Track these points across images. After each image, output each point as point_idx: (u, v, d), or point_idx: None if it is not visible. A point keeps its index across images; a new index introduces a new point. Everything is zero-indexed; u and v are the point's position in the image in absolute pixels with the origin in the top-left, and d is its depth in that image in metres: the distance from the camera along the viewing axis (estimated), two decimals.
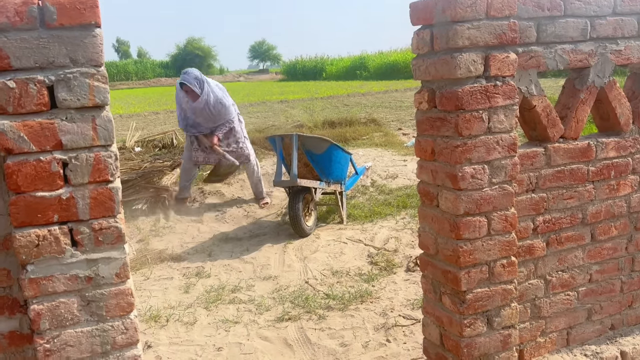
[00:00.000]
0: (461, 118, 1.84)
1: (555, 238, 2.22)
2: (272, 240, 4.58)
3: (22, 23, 1.31)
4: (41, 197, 1.38)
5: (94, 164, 1.42)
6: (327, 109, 15.47)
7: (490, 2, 1.81)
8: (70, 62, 1.36)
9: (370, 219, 4.97)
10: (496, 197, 1.95)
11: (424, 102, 2.00)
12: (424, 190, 2.10)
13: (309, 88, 27.31)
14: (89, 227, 1.44)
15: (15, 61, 1.32)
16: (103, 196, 1.44)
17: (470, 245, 1.94)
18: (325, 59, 46.29)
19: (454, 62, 1.80)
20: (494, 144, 1.92)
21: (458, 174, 1.88)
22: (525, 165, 2.10)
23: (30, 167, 1.36)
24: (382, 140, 8.65)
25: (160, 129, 12.57)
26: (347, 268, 3.87)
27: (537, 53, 2.02)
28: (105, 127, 1.42)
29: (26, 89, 1.33)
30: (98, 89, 1.39)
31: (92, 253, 1.45)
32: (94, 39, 1.37)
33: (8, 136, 1.33)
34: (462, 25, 1.78)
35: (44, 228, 1.40)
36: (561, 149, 2.16)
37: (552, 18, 2.01)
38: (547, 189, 2.16)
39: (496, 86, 1.88)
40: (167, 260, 4.28)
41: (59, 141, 1.38)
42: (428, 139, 2.02)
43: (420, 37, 1.93)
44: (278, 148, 4.68)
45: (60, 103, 1.37)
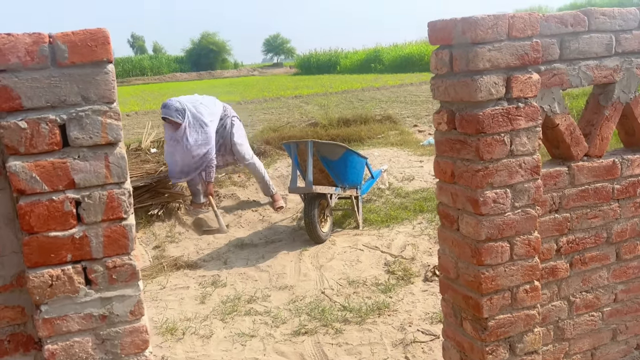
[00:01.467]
0: (482, 142, 1.79)
1: (579, 258, 2.16)
2: (288, 247, 4.56)
3: (33, 63, 1.28)
4: (54, 237, 1.36)
5: (107, 202, 1.39)
6: (342, 104, 15.39)
7: (512, 22, 1.74)
8: (82, 100, 1.34)
9: (387, 223, 4.92)
10: (519, 221, 1.90)
11: (443, 123, 1.94)
12: (444, 213, 2.05)
13: (324, 82, 27.20)
14: (103, 265, 1.42)
15: (27, 101, 1.29)
16: (117, 234, 1.41)
17: (492, 271, 1.89)
18: (340, 52, 46.03)
19: (475, 85, 1.74)
20: (517, 167, 1.86)
21: (479, 198, 1.83)
22: (548, 185, 2.03)
23: (42, 208, 1.34)
24: (397, 139, 8.56)
25: None
26: (364, 277, 3.83)
27: (561, 70, 1.95)
28: (118, 165, 1.39)
29: (38, 128, 1.31)
30: (110, 126, 1.36)
31: (106, 291, 1.43)
32: (105, 75, 1.34)
33: (20, 177, 1.31)
34: (482, 47, 1.72)
35: (58, 268, 1.38)
36: (585, 168, 2.09)
37: (575, 34, 1.94)
38: (570, 209, 2.10)
39: (518, 108, 1.82)
40: (183, 268, 4.28)
41: (71, 180, 1.35)
42: (447, 160, 1.97)
43: (439, 58, 1.88)
44: (293, 154, 4.64)
45: (73, 142, 1.34)
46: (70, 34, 1.30)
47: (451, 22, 1.78)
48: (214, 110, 5.52)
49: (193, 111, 5.26)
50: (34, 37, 1.27)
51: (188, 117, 5.20)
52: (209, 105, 5.51)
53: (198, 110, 5.31)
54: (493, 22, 1.72)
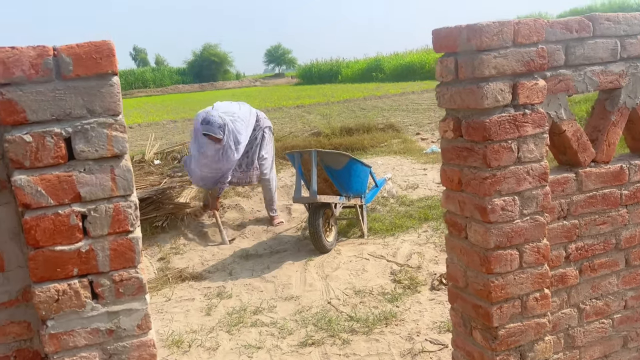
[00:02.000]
0: (489, 149, 1.77)
1: (589, 265, 2.14)
2: (293, 257, 4.54)
3: (38, 76, 1.28)
4: (60, 251, 1.35)
5: (114, 215, 1.38)
6: (344, 113, 15.41)
7: (518, 29, 1.73)
8: (88, 112, 1.33)
9: (392, 232, 4.90)
10: (528, 228, 1.88)
11: (449, 130, 1.93)
12: (451, 221, 2.03)
13: (325, 92, 27.27)
14: (110, 279, 1.40)
15: (32, 114, 1.29)
16: (123, 247, 1.40)
17: (501, 279, 1.87)
18: (341, 61, 46.18)
19: (481, 92, 1.73)
20: (525, 174, 1.84)
21: (488, 206, 1.81)
22: (556, 192, 2.02)
23: (48, 222, 1.33)
24: (400, 147, 8.55)
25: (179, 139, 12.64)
26: (370, 287, 3.80)
27: (566, 76, 1.94)
28: (125, 177, 1.38)
29: (43, 142, 1.30)
30: (116, 138, 1.36)
31: (113, 305, 1.42)
32: (111, 88, 1.34)
33: (26, 191, 1.30)
34: (488, 54, 1.71)
35: (64, 282, 1.37)
36: (593, 174, 2.07)
37: (580, 40, 1.93)
38: (579, 216, 2.08)
39: (525, 115, 1.80)
40: (188, 280, 4.26)
41: (77, 193, 1.34)
42: (454, 168, 1.95)
43: (444, 65, 1.87)
44: (297, 164, 4.63)
45: (78, 155, 1.34)
46: (74, 47, 1.29)
47: (456, 29, 1.78)
48: (249, 124, 5.32)
49: (231, 127, 5.04)
50: (38, 50, 1.26)
51: (227, 133, 4.99)
52: (245, 118, 5.27)
53: (236, 127, 5.08)
54: (498, 28, 1.71)
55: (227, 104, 5.37)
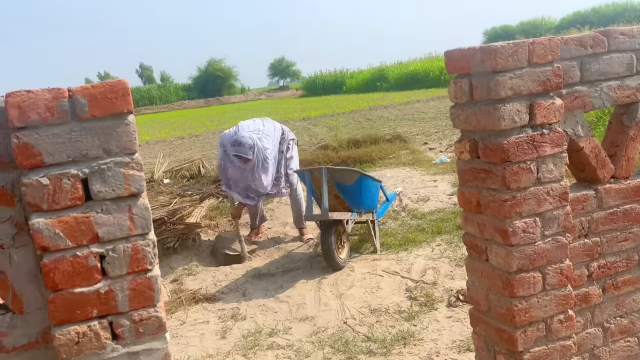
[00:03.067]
0: (508, 171, 1.75)
1: (612, 283, 2.09)
2: (306, 276, 4.50)
3: (53, 118, 1.27)
4: (79, 293, 1.34)
5: (132, 254, 1.37)
6: (350, 124, 15.41)
7: (532, 49, 1.71)
8: (104, 152, 1.32)
9: (405, 247, 4.86)
10: (550, 250, 1.84)
11: (466, 152, 1.90)
12: (471, 243, 2.00)
13: (330, 103, 27.32)
14: (129, 319, 1.39)
15: (48, 157, 1.28)
16: (142, 286, 1.38)
17: (525, 303, 1.83)
18: (345, 72, 46.31)
19: (498, 114, 1.71)
20: (545, 194, 1.81)
21: (508, 229, 1.78)
22: (576, 210, 1.98)
23: (67, 264, 1.32)
24: (409, 158, 8.52)
25: (187, 155, 12.68)
26: (386, 305, 3.76)
27: (582, 93, 1.91)
28: (142, 216, 1.37)
29: (60, 184, 1.29)
30: (133, 177, 1.34)
31: (133, 345, 1.39)
32: (127, 127, 1.33)
33: (44, 234, 1.29)
34: (504, 76, 1.69)
35: (84, 324, 1.35)
36: (613, 190, 2.04)
37: (595, 55, 1.91)
38: (600, 233, 2.04)
39: (543, 135, 1.78)
40: (202, 301, 4.24)
41: (95, 234, 1.33)
42: (472, 190, 1.92)
43: (458, 86, 1.85)
44: (307, 181, 4.61)
45: (95, 195, 1.32)
46: (90, 88, 1.29)
47: (469, 51, 1.76)
48: (275, 138, 5.35)
49: (260, 145, 5.08)
50: (54, 93, 1.26)
51: (256, 152, 5.02)
52: (270, 134, 5.30)
53: (263, 144, 5.12)
54: (513, 49, 1.69)
55: (251, 122, 5.38)
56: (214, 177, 7.84)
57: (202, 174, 8.47)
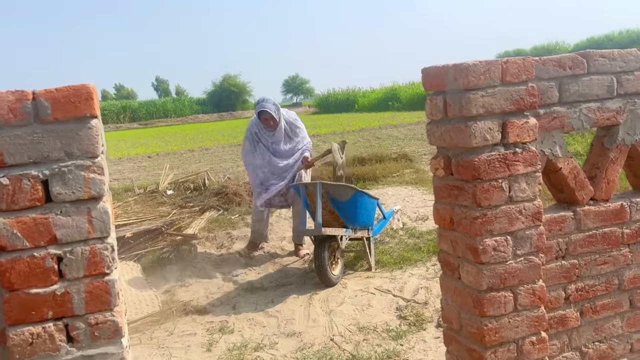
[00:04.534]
0: (479, 188, 1.74)
1: (590, 307, 2.06)
2: (298, 291, 4.48)
3: (16, 120, 1.29)
4: (35, 294, 1.34)
5: (90, 257, 1.37)
6: (359, 142, 15.43)
7: (506, 67, 1.72)
8: (65, 155, 1.34)
9: (400, 265, 4.82)
10: (522, 270, 1.82)
11: (440, 168, 1.90)
12: (445, 260, 1.99)
13: (342, 121, 27.42)
14: (85, 322, 1.39)
15: (9, 158, 1.30)
16: (99, 290, 1.39)
17: (495, 322, 1.81)
18: (357, 91, 46.58)
19: (469, 131, 1.71)
20: (517, 213, 1.80)
21: (479, 246, 1.77)
22: (554, 231, 1.96)
23: (23, 264, 1.33)
24: (412, 177, 8.50)
25: (195, 168, 12.76)
26: (375, 323, 3.72)
27: (561, 113, 1.91)
28: (102, 219, 1.38)
29: (20, 185, 1.31)
30: (94, 180, 1.36)
31: (88, 349, 1.40)
32: (89, 130, 1.35)
33: (1, 234, 1.30)
34: (475, 94, 1.69)
35: (38, 325, 1.36)
36: (592, 212, 2.02)
37: (575, 77, 1.91)
38: (578, 255, 2.02)
39: (516, 153, 1.77)
40: (192, 313, 4.22)
41: (53, 236, 1.34)
42: (446, 206, 1.92)
43: (433, 103, 1.85)
44: (302, 196, 4.62)
45: (55, 197, 1.34)
46: (53, 91, 1.31)
47: (444, 68, 1.77)
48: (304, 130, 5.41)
49: (286, 117, 5.11)
50: (17, 95, 1.28)
51: (283, 119, 5.03)
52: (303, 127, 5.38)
53: (297, 124, 5.19)
54: (485, 67, 1.69)
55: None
56: (217, 189, 7.87)
57: (207, 187, 8.51)
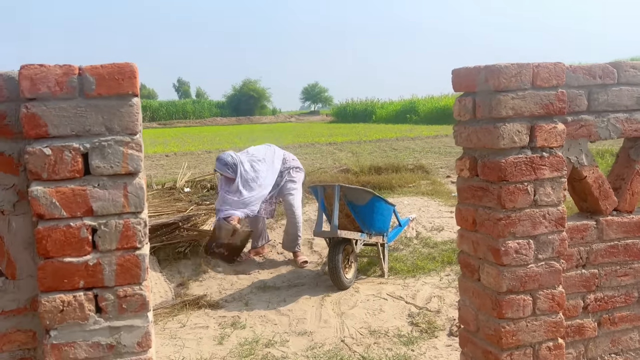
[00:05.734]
0: (504, 190, 1.75)
1: (608, 318, 2.06)
2: (310, 292, 4.50)
3: (62, 93, 1.34)
4: (69, 263, 1.39)
5: (123, 231, 1.41)
6: (375, 152, 15.44)
7: (537, 71, 1.74)
8: (106, 130, 1.38)
9: (413, 273, 4.82)
10: (542, 274, 1.83)
11: (465, 169, 1.92)
12: (465, 261, 2.00)
13: (358, 130, 27.45)
14: (114, 294, 1.43)
15: (53, 129, 1.34)
16: (130, 263, 1.43)
17: (513, 325, 1.81)
18: (376, 102, 46.58)
19: (497, 132, 1.72)
20: (540, 217, 1.81)
21: (501, 248, 1.78)
22: (575, 239, 1.97)
23: (60, 233, 1.37)
24: (429, 188, 8.48)
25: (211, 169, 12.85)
26: (386, 328, 3.73)
27: (588, 122, 1.92)
28: (137, 195, 1.42)
29: (61, 156, 1.35)
30: (132, 156, 1.40)
31: (115, 320, 1.43)
32: (130, 108, 1.39)
33: (41, 202, 1.35)
34: (506, 95, 1.71)
35: (70, 294, 1.40)
36: (615, 223, 2.02)
37: (604, 86, 1.92)
38: (599, 265, 2.02)
39: (542, 157, 1.78)
40: (205, 307, 4.26)
41: (89, 207, 1.38)
42: (469, 207, 1.93)
43: (462, 104, 1.88)
44: (320, 197, 4.64)
45: (94, 170, 1.38)
46: (99, 67, 1.36)
47: (475, 69, 1.79)
48: (271, 163, 5.46)
49: (247, 167, 5.25)
50: (65, 69, 1.33)
51: (241, 172, 5.20)
52: (267, 159, 5.45)
53: (254, 167, 5.29)
54: (517, 70, 1.71)
55: (257, 148, 5.64)
56: None
57: None
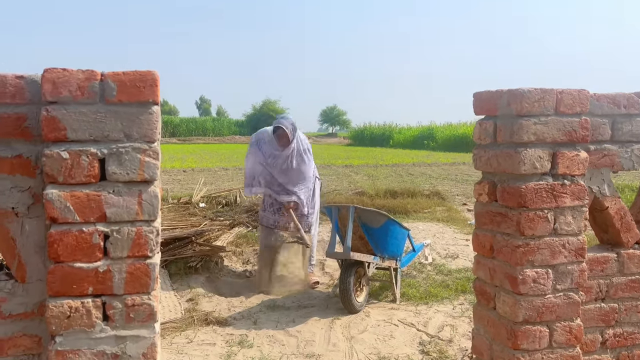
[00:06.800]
0: (524, 216, 1.71)
1: (627, 355, 1.98)
2: (320, 314, 4.43)
3: (83, 97, 1.35)
4: (79, 268, 1.37)
5: (135, 239, 1.40)
6: (391, 176, 15.39)
7: (560, 97, 1.71)
8: (124, 136, 1.38)
9: (426, 300, 4.73)
10: (560, 305, 1.77)
11: (484, 194, 1.88)
12: (481, 289, 1.95)
13: (375, 154, 27.45)
14: (122, 302, 1.41)
15: (72, 133, 1.35)
16: (140, 271, 1.41)
17: (528, 357, 1.75)
18: (394, 127, 46.66)
19: (518, 157, 1.69)
20: (560, 247, 1.76)
21: (518, 276, 1.73)
22: (595, 271, 1.91)
23: (71, 238, 1.36)
24: (444, 215, 8.40)
25: (227, 185, 12.90)
26: (396, 355, 3.65)
27: (611, 152, 1.88)
28: (151, 203, 1.41)
29: (78, 160, 1.35)
30: (148, 164, 1.40)
31: (121, 330, 1.41)
32: (150, 116, 1.39)
33: (55, 205, 1.35)
34: (528, 120, 1.68)
35: (78, 300, 1.38)
36: (636, 257, 1.96)
37: (629, 116, 1.88)
38: (619, 299, 1.96)
39: (564, 185, 1.74)
40: (213, 324, 4.21)
41: (103, 213, 1.38)
42: (487, 233, 1.89)
43: (482, 128, 1.85)
44: (334, 218, 4.61)
45: (110, 176, 1.38)
46: (121, 74, 1.36)
47: (497, 93, 1.77)
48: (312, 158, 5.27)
49: (301, 136, 5.06)
50: (87, 74, 1.34)
51: (296, 137, 4.96)
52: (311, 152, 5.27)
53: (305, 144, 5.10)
54: (540, 95, 1.69)
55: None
56: (247, 206, 7.93)
57: (238, 203, 8.59)
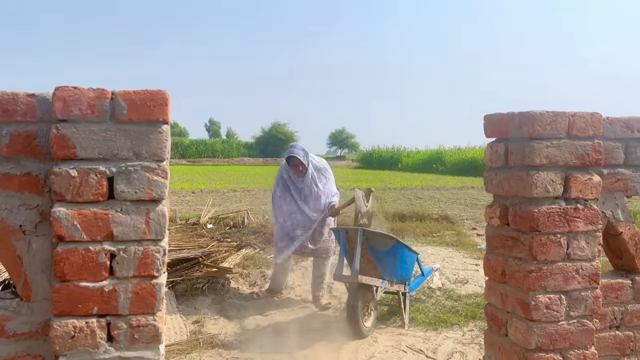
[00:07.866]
0: (536, 241, 1.68)
1: None
2: (327, 338, 4.36)
3: (93, 116, 1.35)
4: (84, 288, 1.36)
5: (142, 258, 1.39)
6: (400, 200, 15.33)
7: (573, 120, 1.69)
8: (133, 155, 1.38)
9: (435, 326, 4.65)
10: (574, 332, 1.73)
11: (496, 217, 1.86)
12: (492, 314, 1.91)
13: (384, 177, 27.41)
14: (127, 322, 1.39)
15: (81, 151, 1.35)
16: (146, 292, 1.39)
17: None
18: (402, 150, 46.73)
19: (530, 180, 1.67)
20: (573, 272, 1.72)
21: (531, 302, 1.69)
22: (609, 297, 1.87)
23: (78, 256, 1.35)
24: (453, 239, 8.32)
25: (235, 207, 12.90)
26: None
27: (625, 176, 1.85)
28: (158, 222, 1.40)
29: (87, 178, 1.35)
30: (157, 183, 1.39)
31: (125, 351, 1.39)
32: (159, 135, 1.39)
33: (62, 223, 1.34)
34: (540, 143, 1.67)
35: (82, 319, 1.36)
36: None
37: None
38: (634, 327, 1.90)
39: (577, 209, 1.71)
40: (218, 347, 4.16)
41: (110, 232, 1.37)
42: (499, 258, 1.86)
43: (493, 150, 1.83)
44: (342, 241, 4.57)
45: (118, 194, 1.37)
46: (131, 93, 1.37)
47: (508, 115, 1.75)
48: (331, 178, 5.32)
49: (315, 163, 5.12)
50: (98, 92, 1.34)
51: (311, 164, 5.05)
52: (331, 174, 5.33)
53: (321, 163, 5.18)
54: (552, 118, 1.67)
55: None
56: (255, 228, 7.91)
57: (245, 225, 8.57)
